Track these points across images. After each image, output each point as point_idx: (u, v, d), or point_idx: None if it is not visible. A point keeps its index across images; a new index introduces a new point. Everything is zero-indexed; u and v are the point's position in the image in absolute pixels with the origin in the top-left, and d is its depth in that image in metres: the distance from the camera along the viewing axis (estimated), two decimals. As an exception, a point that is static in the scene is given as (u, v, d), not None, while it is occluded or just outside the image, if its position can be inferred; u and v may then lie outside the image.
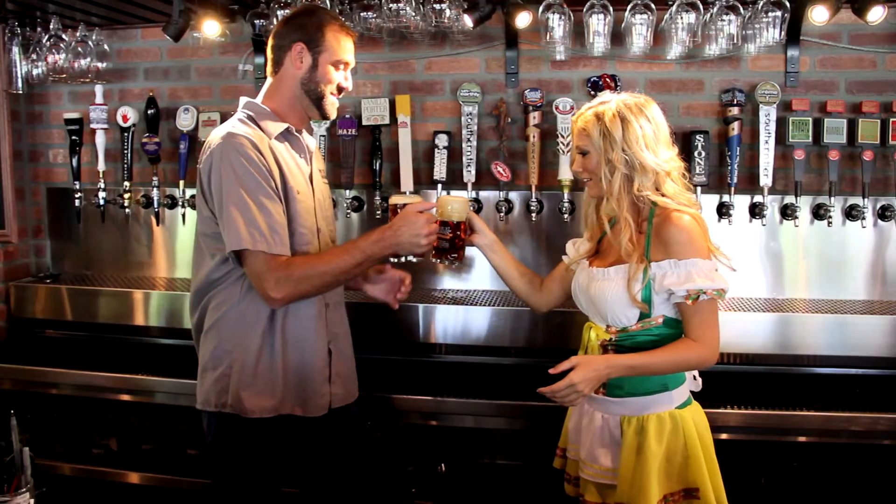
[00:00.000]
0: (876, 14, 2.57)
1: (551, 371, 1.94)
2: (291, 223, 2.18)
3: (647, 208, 2.05)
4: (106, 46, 3.35)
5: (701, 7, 2.74)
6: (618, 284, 2.02)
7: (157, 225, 3.44)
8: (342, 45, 2.26)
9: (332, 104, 2.28)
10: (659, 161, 2.02)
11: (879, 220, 2.96)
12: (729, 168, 2.98)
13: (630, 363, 1.99)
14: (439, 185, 3.13)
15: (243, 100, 2.28)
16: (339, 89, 2.28)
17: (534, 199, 3.08)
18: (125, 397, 2.92)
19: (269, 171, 2.12)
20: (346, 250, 2.14)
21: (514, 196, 3.14)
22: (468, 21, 2.81)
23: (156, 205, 3.37)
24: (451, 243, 2.20)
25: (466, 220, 2.23)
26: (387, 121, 3.19)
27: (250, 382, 2.18)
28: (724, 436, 2.49)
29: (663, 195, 2.02)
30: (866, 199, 2.90)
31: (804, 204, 2.97)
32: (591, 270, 2.11)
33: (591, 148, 2.05)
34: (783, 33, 2.74)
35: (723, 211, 2.99)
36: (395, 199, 2.30)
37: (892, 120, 2.88)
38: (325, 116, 2.29)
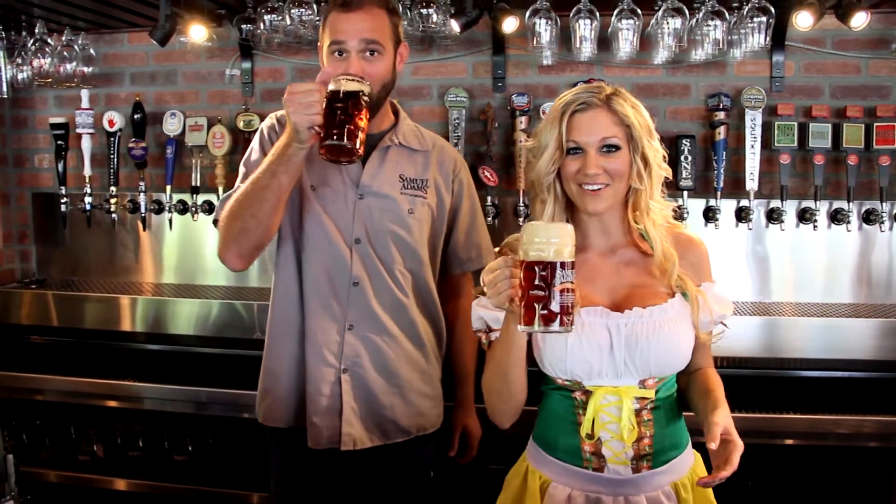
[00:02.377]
0: (859, 20, 2.59)
1: (711, 446, 1.54)
2: (304, 223, 2.06)
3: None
4: (92, 51, 3.33)
5: (687, 12, 2.75)
6: (687, 322, 1.67)
7: (144, 230, 3.42)
8: (332, 26, 1.96)
9: None
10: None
11: (864, 224, 2.98)
12: (715, 172, 3.00)
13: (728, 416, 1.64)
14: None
15: None
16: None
17: (521, 204, 3.08)
18: (111, 403, 2.90)
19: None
20: (260, 169, 1.91)
21: (501, 201, 3.14)
22: (455, 26, 2.81)
23: (142, 210, 3.35)
24: (548, 297, 1.42)
25: (570, 262, 1.44)
26: (374, 125, 3.19)
27: (268, 385, 2.13)
28: (711, 439, 2.49)
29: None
30: (851, 203, 2.92)
31: (790, 208, 2.98)
32: (636, 314, 1.64)
33: (623, 142, 1.66)
34: (768, 38, 2.75)
35: (709, 215, 3.00)
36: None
37: (875, 124, 2.91)
38: None
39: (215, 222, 2.05)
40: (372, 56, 1.95)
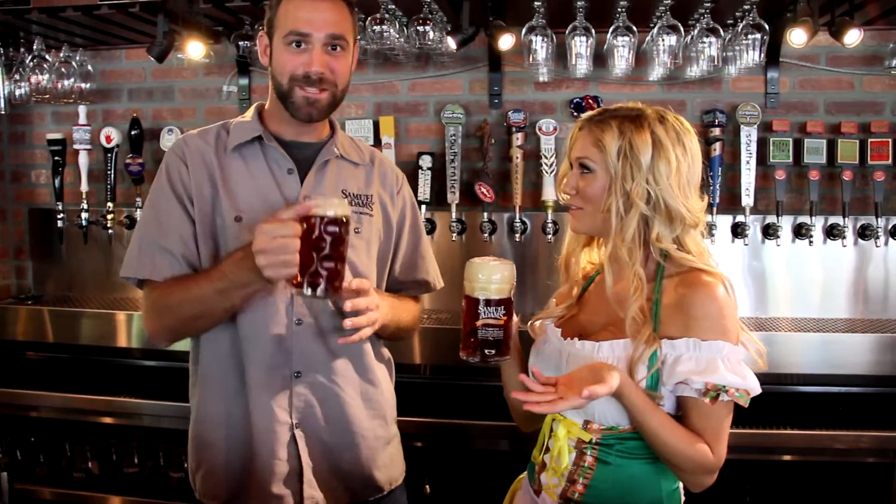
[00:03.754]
0: (852, 37, 2.61)
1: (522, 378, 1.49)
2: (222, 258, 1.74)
3: (654, 264, 1.58)
4: (90, 67, 3.34)
5: (682, 29, 2.76)
6: (618, 368, 1.48)
7: (141, 246, 3.41)
8: (292, 13, 1.70)
9: (301, 101, 1.73)
10: (690, 208, 1.56)
11: (860, 239, 2.99)
12: (711, 188, 3.01)
13: (639, 401, 1.46)
14: (423, 206, 3.11)
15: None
16: (306, 77, 1.70)
17: (518, 220, 3.08)
18: (107, 420, 2.89)
19: (185, 182, 1.77)
20: (208, 274, 1.68)
21: (497, 217, 3.15)
22: (451, 43, 2.83)
23: (139, 226, 3.34)
24: (488, 332, 1.52)
25: (511, 298, 1.54)
26: (371, 142, 3.19)
27: (203, 455, 1.83)
28: (708, 455, 2.49)
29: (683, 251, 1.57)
30: (846, 219, 2.94)
31: (785, 223, 2.99)
32: (572, 343, 1.59)
33: (600, 166, 1.55)
34: (763, 55, 2.77)
35: (705, 231, 3.00)
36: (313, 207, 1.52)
37: (870, 140, 2.93)
38: (297, 117, 1.76)
39: (139, 283, 1.79)
40: (334, 51, 1.73)
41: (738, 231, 3.00)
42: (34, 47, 3.19)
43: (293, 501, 1.77)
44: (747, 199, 2.99)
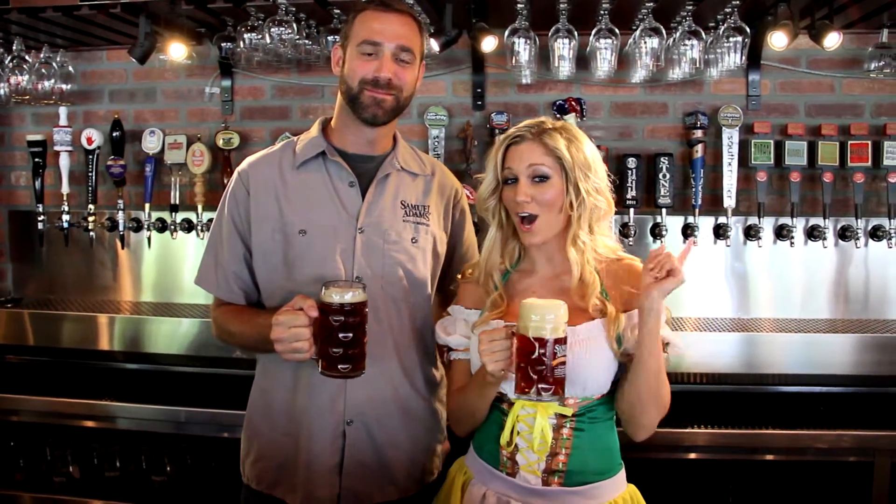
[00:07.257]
0: (832, 40, 2.64)
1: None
2: (291, 270, 1.88)
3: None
4: (70, 68, 3.31)
5: (664, 32, 2.78)
6: (601, 344, 1.70)
7: (122, 248, 3.39)
8: (367, 24, 1.84)
9: (369, 100, 1.84)
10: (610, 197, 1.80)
11: (840, 241, 3.01)
12: (693, 190, 3.03)
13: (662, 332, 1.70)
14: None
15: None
16: (375, 81, 1.83)
17: (502, 221, 3.08)
18: (88, 423, 2.86)
19: (247, 208, 1.91)
20: (255, 319, 1.84)
21: (480, 218, 3.14)
22: (434, 45, 2.83)
23: (121, 228, 3.32)
24: (538, 368, 1.56)
25: (564, 338, 1.57)
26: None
27: (254, 442, 1.96)
28: (691, 455, 2.50)
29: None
30: (827, 220, 2.96)
31: (767, 225, 3.01)
32: None
33: (555, 172, 1.73)
34: (744, 58, 2.79)
35: (687, 232, 3.02)
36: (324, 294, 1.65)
37: (850, 142, 2.96)
38: (363, 119, 1.87)
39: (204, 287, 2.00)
40: (402, 62, 1.86)
41: (719, 232, 3.01)
42: (14, 48, 3.16)
43: (333, 492, 1.87)
44: (729, 201, 3.01)
